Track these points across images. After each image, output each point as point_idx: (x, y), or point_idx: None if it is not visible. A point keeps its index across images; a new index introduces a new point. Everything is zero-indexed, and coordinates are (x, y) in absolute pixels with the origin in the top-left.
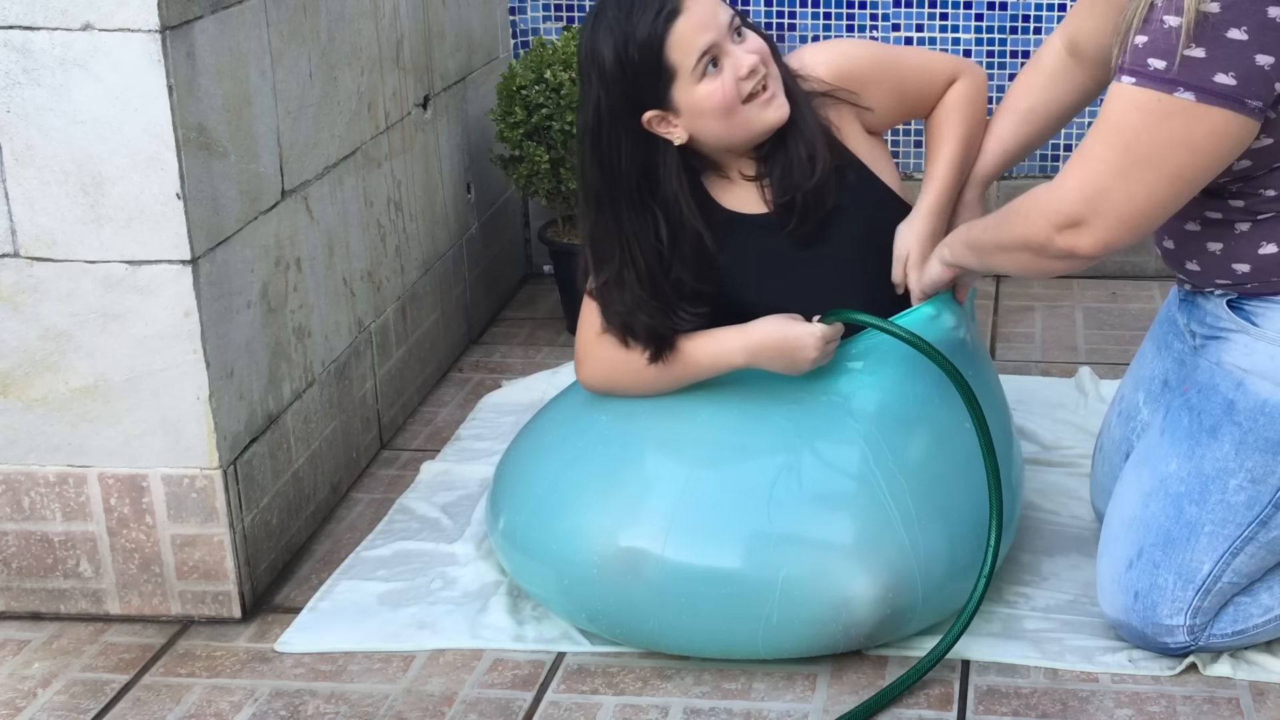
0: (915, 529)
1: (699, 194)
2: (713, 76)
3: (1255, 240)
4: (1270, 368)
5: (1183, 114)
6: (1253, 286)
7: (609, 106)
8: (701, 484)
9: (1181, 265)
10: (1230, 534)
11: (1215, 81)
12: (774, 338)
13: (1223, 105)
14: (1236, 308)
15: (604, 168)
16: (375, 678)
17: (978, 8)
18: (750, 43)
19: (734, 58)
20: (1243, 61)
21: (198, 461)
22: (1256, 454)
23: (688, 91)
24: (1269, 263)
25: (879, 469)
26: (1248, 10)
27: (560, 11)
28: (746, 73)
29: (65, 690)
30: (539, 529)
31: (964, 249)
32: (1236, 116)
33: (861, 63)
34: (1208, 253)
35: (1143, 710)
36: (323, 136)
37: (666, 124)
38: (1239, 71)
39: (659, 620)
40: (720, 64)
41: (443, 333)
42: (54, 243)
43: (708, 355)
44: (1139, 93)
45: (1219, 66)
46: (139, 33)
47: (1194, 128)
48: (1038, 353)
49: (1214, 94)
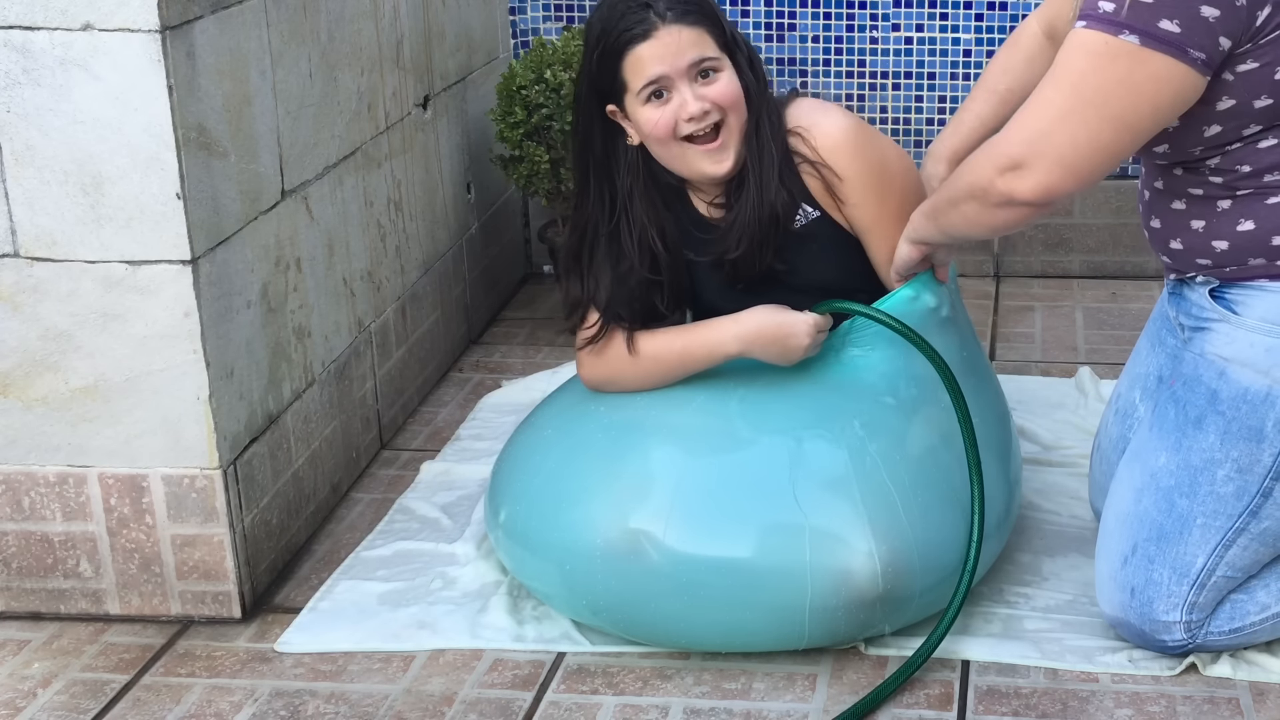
0: (914, 512)
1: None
2: (655, 105)
3: (1235, 217)
4: (1250, 355)
5: (1127, 56)
6: (1231, 270)
7: (587, 82)
8: (701, 471)
9: (1166, 245)
10: (1222, 525)
11: (1160, 27)
12: (767, 326)
13: (1165, 51)
14: (1218, 297)
15: (578, 135)
16: (375, 678)
17: (978, 8)
18: (715, 88)
19: (682, 96)
20: (1188, 10)
21: (198, 461)
22: (1241, 443)
23: (634, 108)
24: (1246, 240)
25: (877, 452)
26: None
27: (560, 11)
28: (688, 116)
29: (65, 690)
30: (540, 520)
31: (921, 219)
32: (1179, 65)
33: (850, 176)
34: (1190, 230)
35: (1143, 710)
36: (323, 136)
37: (625, 121)
38: (1183, 20)
39: (660, 609)
40: (668, 97)
41: (443, 333)
42: (54, 243)
43: (701, 344)
44: (1088, 34)
45: (1165, 13)
46: (139, 33)
47: (1136, 70)
48: (1038, 353)
49: (1157, 39)
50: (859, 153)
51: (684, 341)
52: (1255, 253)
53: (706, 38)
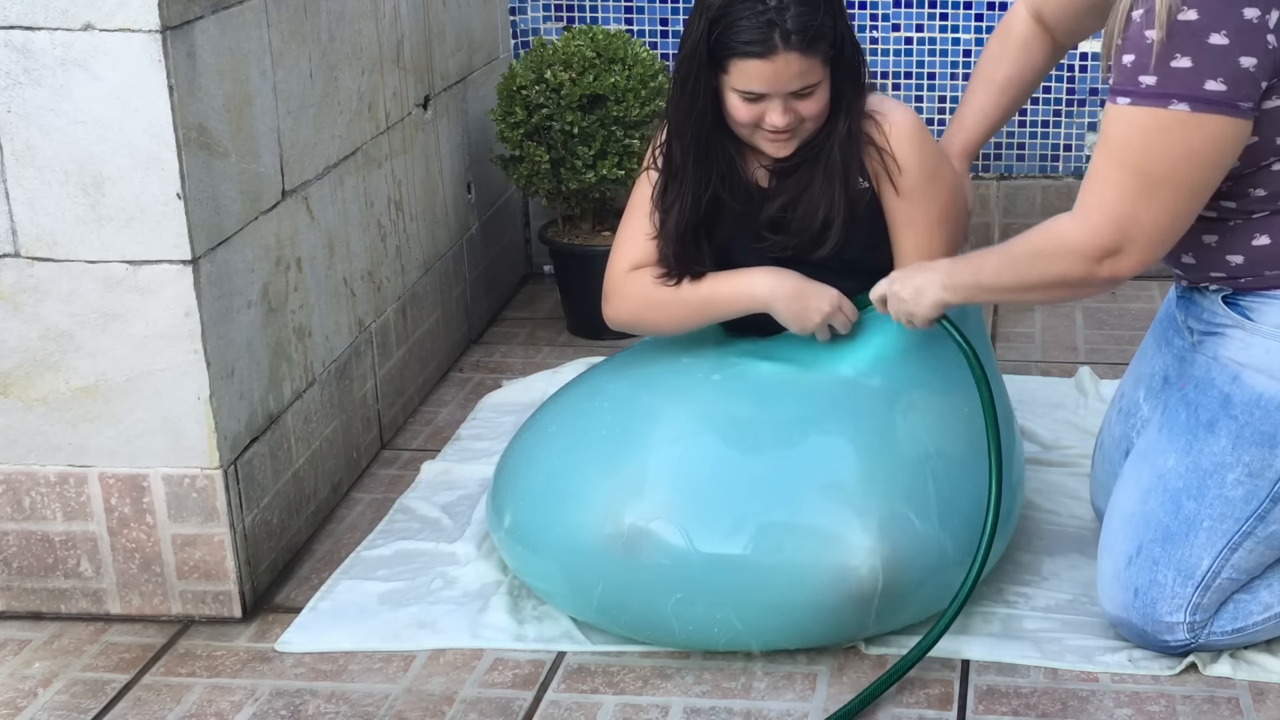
0: (915, 512)
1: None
2: (746, 101)
3: (1249, 232)
4: (1265, 361)
5: (1180, 126)
6: (1247, 281)
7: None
8: (702, 470)
9: (1177, 259)
10: (1229, 529)
11: (1206, 89)
12: (794, 282)
13: (1217, 111)
14: (1232, 303)
15: (683, 94)
16: (375, 677)
17: (978, 8)
18: (806, 105)
19: (773, 107)
20: (1228, 65)
21: (198, 461)
22: (1253, 448)
23: (726, 88)
24: (1262, 254)
25: (879, 451)
26: (1224, 14)
27: (560, 11)
28: (771, 125)
29: (66, 690)
30: (542, 518)
31: (973, 290)
32: (1232, 120)
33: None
34: (1203, 245)
35: (1143, 710)
36: (323, 136)
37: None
38: (1227, 75)
39: (661, 608)
40: (760, 101)
41: (443, 333)
42: (55, 243)
43: (730, 286)
44: (1135, 111)
45: (1207, 73)
46: (139, 33)
47: (1193, 137)
48: (1038, 353)
49: (1207, 101)
50: (921, 149)
51: (711, 284)
52: (1272, 265)
53: (817, 65)
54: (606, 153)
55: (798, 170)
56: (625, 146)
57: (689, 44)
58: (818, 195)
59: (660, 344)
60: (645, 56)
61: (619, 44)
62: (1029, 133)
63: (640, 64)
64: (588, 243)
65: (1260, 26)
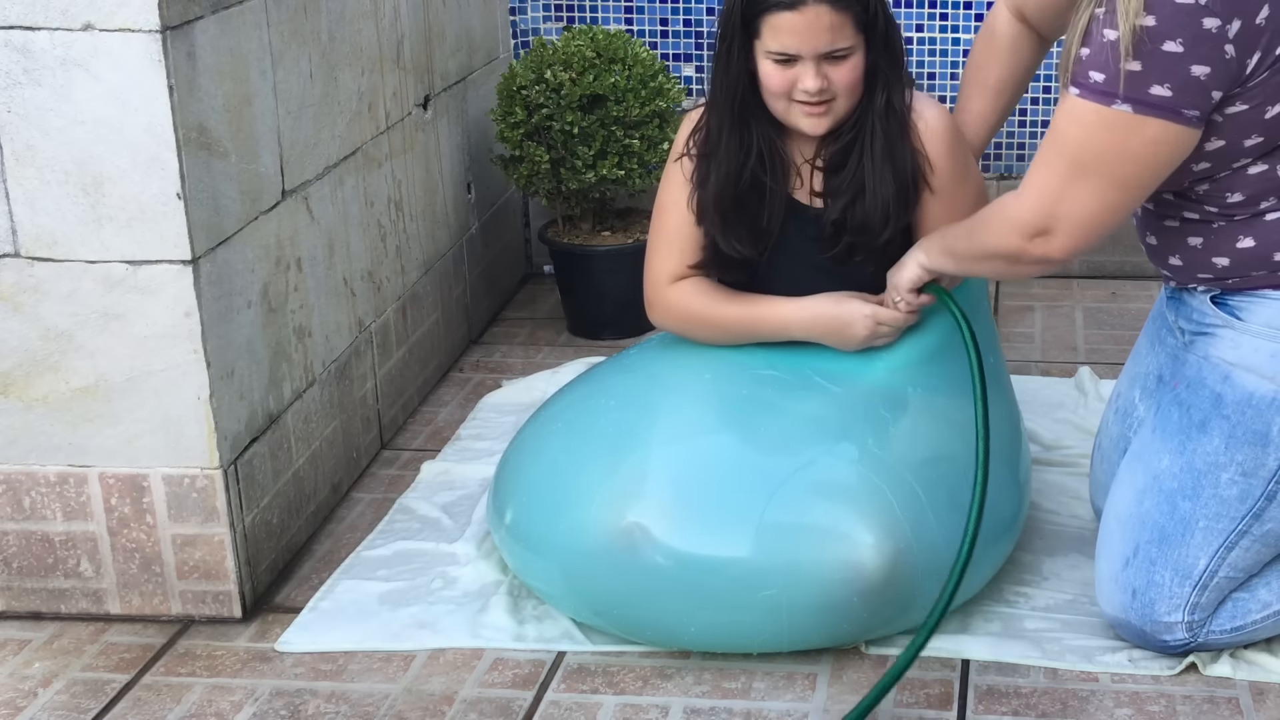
0: (918, 512)
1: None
2: (778, 65)
3: (1233, 235)
4: (1256, 360)
5: (1121, 125)
6: (1234, 281)
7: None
8: (703, 470)
9: (1165, 261)
10: (1225, 528)
11: (1151, 93)
12: (825, 315)
13: (1158, 115)
14: (1221, 303)
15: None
16: (375, 677)
17: (978, 8)
18: (839, 71)
19: (805, 70)
20: (1179, 73)
21: (198, 461)
22: (1245, 447)
23: (759, 54)
24: (1248, 256)
25: (881, 451)
26: (1183, 23)
27: (560, 11)
28: (804, 89)
29: (66, 690)
30: (542, 518)
31: (942, 256)
32: (1173, 126)
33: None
34: (1189, 247)
35: (1142, 710)
36: (323, 136)
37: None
38: (1174, 83)
39: (661, 608)
40: (792, 64)
41: (443, 333)
42: (55, 243)
43: (771, 319)
44: (1080, 104)
45: (1155, 79)
46: (139, 33)
47: (1131, 138)
48: (1038, 353)
49: (1150, 105)
50: (954, 150)
51: (756, 315)
52: (1258, 266)
53: (848, 24)
54: (606, 153)
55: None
56: (625, 146)
57: (725, 11)
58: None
59: (666, 342)
60: (645, 56)
61: (619, 44)
62: (1029, 133)
63: (640, 64)
64: (588, 243)
65: (1219, 37)
